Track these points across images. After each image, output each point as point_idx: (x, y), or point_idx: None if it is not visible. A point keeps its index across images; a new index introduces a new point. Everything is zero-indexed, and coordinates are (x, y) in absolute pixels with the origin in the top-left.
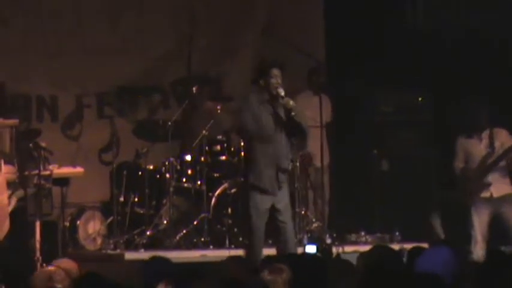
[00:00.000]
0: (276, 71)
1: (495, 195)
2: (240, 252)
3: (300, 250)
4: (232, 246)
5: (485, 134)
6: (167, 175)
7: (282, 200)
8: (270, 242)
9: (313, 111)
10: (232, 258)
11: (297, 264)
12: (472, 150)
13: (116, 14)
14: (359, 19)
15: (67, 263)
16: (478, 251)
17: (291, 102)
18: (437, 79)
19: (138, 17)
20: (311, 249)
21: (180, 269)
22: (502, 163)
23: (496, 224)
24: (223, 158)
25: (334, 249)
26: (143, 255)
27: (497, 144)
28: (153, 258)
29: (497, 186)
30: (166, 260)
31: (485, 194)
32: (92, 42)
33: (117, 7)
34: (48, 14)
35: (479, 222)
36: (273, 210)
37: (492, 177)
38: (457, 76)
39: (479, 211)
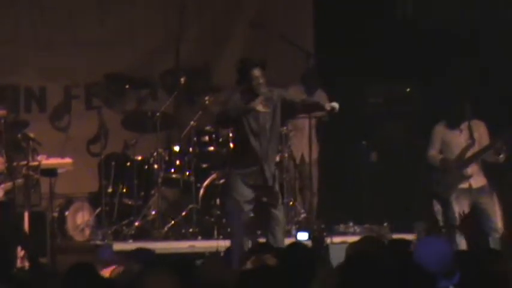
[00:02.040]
0: (256, 72)
1: (474, 186)
2: (227, 243)
3: (289, 241)
4: (221, 237)
5: (464, 126)
6: (155, 166)
7: (271, 194)
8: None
9: None
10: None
11: (284, 254)
12: (450, 141)
13: (105, 6)
14: (348, 11)
15: None
16: (463, 242)
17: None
18: (426, 70)
19: (128, 9)
20: (302, 236)
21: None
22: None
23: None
24: (212, 148)
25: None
26: (131, 246)
27: (476, 135)
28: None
29: (475, 178)
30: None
31: (464, 185)
32: (82, 33)
33: None
34: (39, 6)
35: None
36: (262, 203)
37: (471, 169)
38: (446, 67)
39: (460, 202)
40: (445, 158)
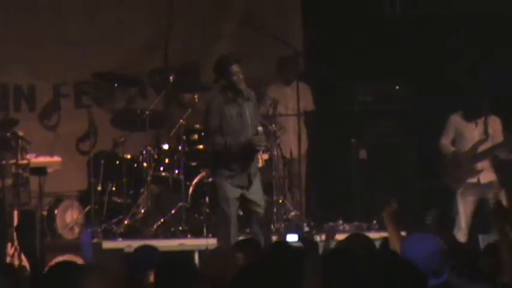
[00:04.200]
0: (235, 68)
1: (482, 181)
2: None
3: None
4: (210, 235)
5: (480, 120)
6: (145, 164)
7: (255, 192)
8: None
9: (288, 100)
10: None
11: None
12: (465, 133)
13: (94, 4)
14: (337, 8)
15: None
16: (461, 237)
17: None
18: (416, 68)
19: (117, 7)
20: (292, 238)
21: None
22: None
23: (479, 211)
24: (201, 147)
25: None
26: (121, 244)
27: (490, 131)
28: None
29: (485, 173)
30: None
31: (472, 180)
32: (70, 32)
33: None
34: (28, 4)
35: (464, 208)
36: (246, 201)
37: (481, 164)
38: (436, 64)
39: (465, 197)
40: (457, 150)
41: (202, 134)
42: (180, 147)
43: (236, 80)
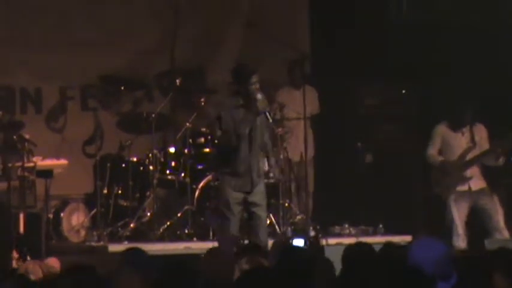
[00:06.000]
0: (255, 78)
1: (473, 188)
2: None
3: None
4: (216, 238)
5: (466, 129)
6: (151, 167)
7: (257, 194)
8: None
9: (297, 104)
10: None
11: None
12: (452, 142)
13: (100, 6)
14: (343, 12)
15: (50, 260)
16: (460, 244)
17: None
18: (422, 72)
19: (122, 10)
20: (298, 242)
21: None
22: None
23: (474, 217)
24: (207, 150)
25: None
26: (127, 247)
27: (477, 138)
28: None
29: (475, 180)
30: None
31: (463, 188)
32: (76, 34)
33: (101, 0)
34: (33, 7)
35: (459, 215)
36: (247, 204)
37: (471, 171)
38: (443, 69)
39: (459, 204)
40: (445, 160)
41: (209, 137)
42: (186, 151)
43: (254, 90)
